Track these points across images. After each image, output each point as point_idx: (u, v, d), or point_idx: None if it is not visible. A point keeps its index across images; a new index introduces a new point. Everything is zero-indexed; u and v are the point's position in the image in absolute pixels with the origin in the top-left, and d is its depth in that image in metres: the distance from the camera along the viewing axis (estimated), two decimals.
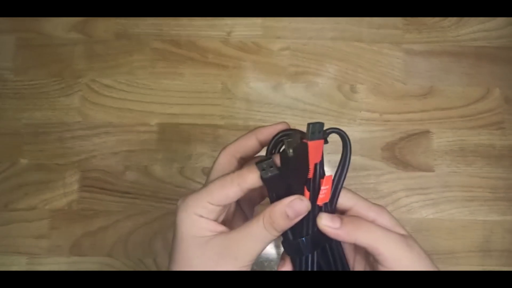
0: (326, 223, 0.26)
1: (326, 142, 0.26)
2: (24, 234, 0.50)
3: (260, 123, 0.51)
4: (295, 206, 0.25)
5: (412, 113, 0.53)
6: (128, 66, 0.54)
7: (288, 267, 0.28)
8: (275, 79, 0.53)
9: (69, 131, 0.52)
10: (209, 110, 0.52)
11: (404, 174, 0.51)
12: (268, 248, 0.49)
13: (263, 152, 0.28)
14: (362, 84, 0.53)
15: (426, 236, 0.50)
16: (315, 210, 0.27)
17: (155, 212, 0.50)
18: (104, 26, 0.55)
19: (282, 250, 0.28)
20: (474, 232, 0.50)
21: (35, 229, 0.50)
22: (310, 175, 0.26)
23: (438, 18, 0.54)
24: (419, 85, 0.53)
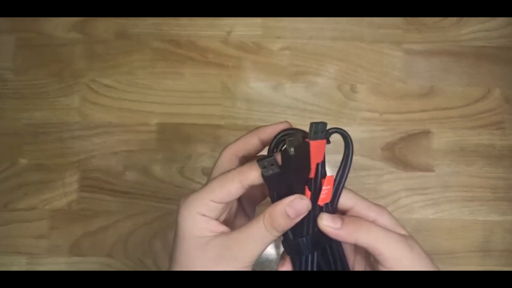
0: (327, 223, 0.26)
1: (328, 142, 0.26)
2: (24, 234, 0.50)
3: (260, 123, 0.51)
4: (295, 206, 0.25)
5: (412, 113, 0.53)
6: (128, 66, 0.54)
7: (288, 266, 0.28)
8: (275, 79, 0.53)
9: (69, 131, 0.52)
10: (209, 110, 0.52)
11: (404, 174, 0.51)
12: (268, 248, 0.49)
13: (265, 152, 0.28)
14: (362, 84, 0.53)
15: (426, 236, 0.50)
16: (315, 210, 0.27)
17: (155, 212, 0.50)
18: (104, 26, 0.54)
19: (282, 249, 0.28)
20: (474, 232, 0.50)
21: (35, 229, 0.50)
22: (312, 174, 0.26)
23: (438, 18, 0.54)
24: (419, 85, 0.53)
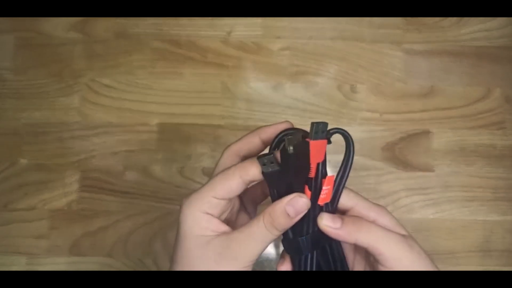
0: (327, 223, 0.26)
1: (329, 142, 0.26)
2: (23, 234, 0.50)
3: (260, 123, 0.51)
4: (295, 204, 0.25)
5: (412, 113, 0.52)
6: (128, 66, 0.54)
7: (287, 265, 0.28)
8: (275, 79, 0.53)
9: (68, 131, 0.52)
10: (209, 110, 0.52)
11: (404, 174, 0.51)
12: (268, 248, 0.49)
13: (266, 152, 0.28)
14: (362, 84, 0.53)
15: (426, 236, 0.50)
16: (315, 210, 0.27)
17: (155, 212, 0.50)
18: (104, 26, 0.54)
19: (282, 249, 0.28)
20: (474, 232, 0.50)
21: (34, 229, 0.50)
22: (312, 174, 0.26)
23: (438, 18, 0.54)
24: (419, 85, 0.53)
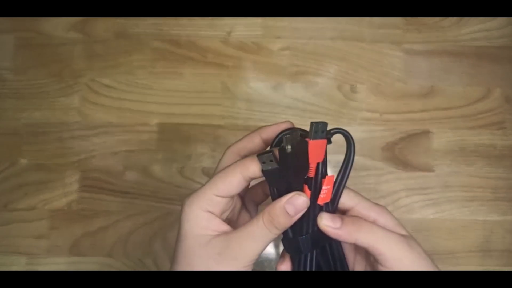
0: (327, 222, 0.26)
1: (329, 142, 0.26)
2: (23, 234, 0.50)
3: (260, 123, 0.51)
4: (294, 202, 0.25)
5: (412, 113, 0.52)
6: (128, 66, 0.54)
7: (287, 264, 0.28)
8: (275, 79, 0.53)
9: (68, 131, 0.52)
10: (209, 110, 0.52)
11: (404, 174, 0.51)
12: (268, 248, 0.49)
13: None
14: (362, 84, 0.53)
15: (426, 236, 0.50)
16: (315, 209, 0.27)
17: (155, 212, 0.50)
18: (104, 26, 0.54)
19: (282, 248, 0.28)
20: (474, 232, 0.50)
21: (34, 229, 0.50)
22: (312, 174, 0.26)
23: (438, 18, 0.54)
24: (419, 85, 0.53)
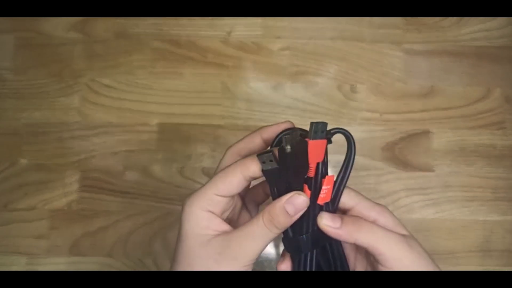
0: (327, 222, 0.26)
1: (329, 142, 0.26)
2: (23, 234, 0.50)
3: (260, 123, 0.51)
4: (293, 202, 0.25)
5: (412, 113, 0.52)
6: (127, 66, 0.54)
7: (287, 264, 0.28)
8: (275, 79, 0.53)
9: (68, 131, 0.52)
10: (209, 110, 0.52)
11: (404, 174, 0.51)
12: (268, 248, 0.49)
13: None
14: (362, 84, 0.53)
15: (426, 236, 0.50)
16: (315, 209, 0.27)
17: (155, 212, 0.50)
18: (104, 26, 0.54)
19: (282, 248, 0.28)
20: (474, 232, 0.50)
21: (34, 229, 0.50)
22: (312, 174, 0.26)
23: (438, 18, 0.54)
24: (419, 85, 0.53)
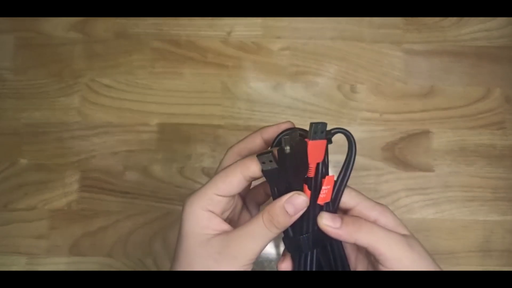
0: (327, 222, 0.26)
1: (330, 142, 0.26)
2: (23, 234, 0.50)
3: (260, 123, 0.51)
4: (293, 202, 0.25)
5: (412, 113, 0.52)
6: (127, 66, 0.54)
7: (288, 263, 0.28)
8: (275, 79, 0.53)
9: (68, 131, 0.52)
10: (209, 110, 0.52)
11: (404, 174, 0.51)
12: (268, 248, 0.49)
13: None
14: (362, 84, 0.53)
15: (427, 236, 0.50)
16: (315, 209, 0.27)
17: (155, 212, 0.50)
18: (104, 26, 0.54)
19: (283, 249, 0.28)
20: (475, 232, 0.50)
21: (34, 229, 0.50)
22: (312, 174, 0.26)
23: (438, 18, 0.54)
24: (419, 85, 0.53)
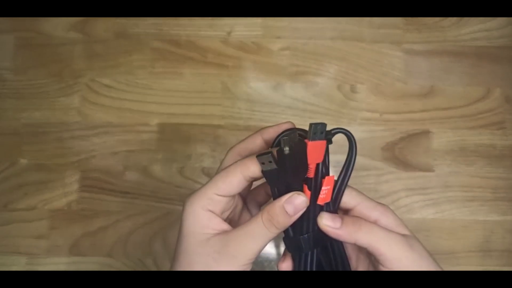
0: (327, 222, 0.26)
1: (330, 142, 0.26)
2: (23, 234, 0.50)
3: (260, 123, 0.51)
4: (293, 202, 0.25)
5: (413, 113, 0.52)
6: (127, 66, 0.54)
7: (288, 263, 0.28)
8: (275, 79, 0.53)
9: (68, 131, 0.52)
10: (209, 110, 0.52)
11: (404, 174, 0.51)
12: (268, 248, 0.49)
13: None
14: (362, 84, 0.53)
15: (427, 236, 0.50)
16: (315, 210, 0.27)
17: (155, 212, 0.50)
18: (104, 26, 0.54)
19: (282, 250, 0.28)
20: (475, 232, 0.50)
21: (34, 229, 0.50)
22: (311, 174, 0.26)
23: (438, 18, 0.54)
24: (419, 85, 0.53)
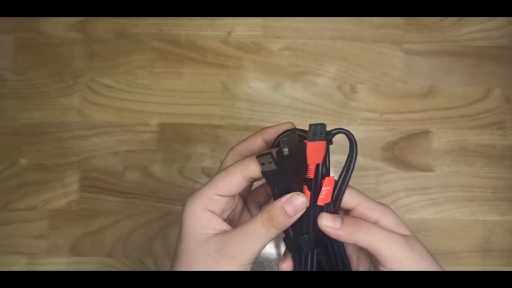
0: (327, 223, 0.26)
1: (330, 143, 0.26)
2: (23, 234, 0.50)
3: (260, 123, 0.51)
4: (293, 202, 0.25)
5: (413, 113, 0.52)
6: (127, 66, 0.54)
7: (289, 263, 0.28)
8: (275, 79, 0.53)
9: (68, 131, 0.52)
10: (209, 110, 0.52)
11: (404, 174, 0.51)
12: (268, 248, 0.49)
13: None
14: (362, 84, 0.53)
15: (427, 236, 0.50)
16: (315, 210, 0.27)
17: (155, 212, 0.50)
18: (104, 26, 0.54)
19: (282, 250, 0.28)
20: (475, 232, 0.50)
21: (34, 229, 0.50)
22: (311, 175, 0.26)
23: (438, 18, 0.54)
24: (419, 85, 0.53)
